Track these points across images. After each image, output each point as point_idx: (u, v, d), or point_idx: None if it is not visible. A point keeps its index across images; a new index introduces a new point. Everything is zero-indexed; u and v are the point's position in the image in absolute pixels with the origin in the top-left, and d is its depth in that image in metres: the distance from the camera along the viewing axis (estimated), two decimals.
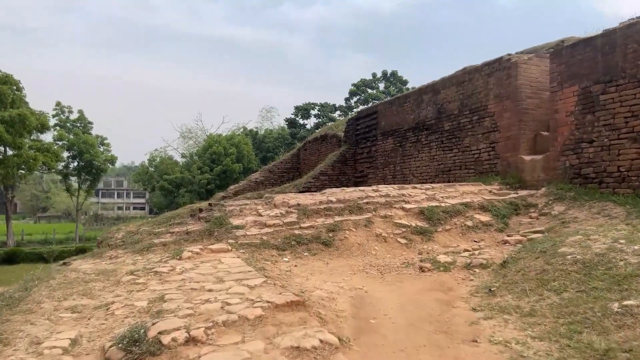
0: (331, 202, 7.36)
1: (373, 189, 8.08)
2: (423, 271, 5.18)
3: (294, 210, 7.02)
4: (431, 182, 11.85)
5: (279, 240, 6.23)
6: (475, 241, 6.84)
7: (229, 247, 5.86)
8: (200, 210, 7.39)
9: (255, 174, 21.05)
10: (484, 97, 10.28)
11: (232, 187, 20.55)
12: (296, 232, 6.43)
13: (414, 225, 6.96)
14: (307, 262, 5.68)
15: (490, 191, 8.87)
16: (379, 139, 14.54)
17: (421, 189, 8.58)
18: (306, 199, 7.47)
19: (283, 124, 54.70)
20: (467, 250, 5.90)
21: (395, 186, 8.58)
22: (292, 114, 52.47)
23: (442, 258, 5.57)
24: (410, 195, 8.00)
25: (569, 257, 4.12)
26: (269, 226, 6.54)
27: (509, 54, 9.86)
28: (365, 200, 7.45)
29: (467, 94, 10.78)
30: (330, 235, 6.40)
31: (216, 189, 35.68)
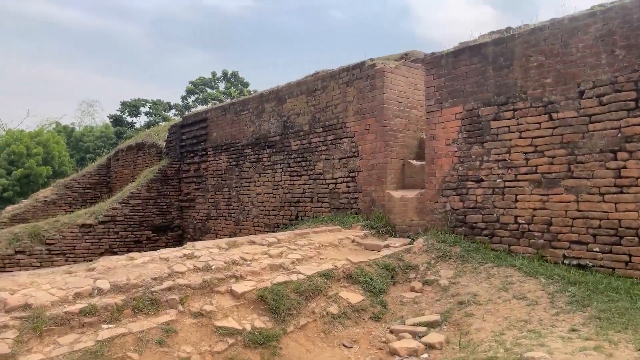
0: (100, 291, 4.06)
1: (185, 255, 4.99)
2: None
3: (11, 322, 3.54)
4: (275, 214, 9.25)
5: None
6: (345, 346, 4.31)
7: None
8: None
9: (45, 190, 15.86)
10: (341, 112, 8.02)
11: (9, 208, 15.23)
12: None
13: (249, 328, 4.11)
14: None
15: (353, 241, 6.56)
16: (210, 154, 11.42)
17: (262, 245, 5.81)
18: (50, 287, 4.02)
19: (108, 121, 47.76)
20: None
21: (223, 243, 5.64)
22: (117, 110, 45.98)
23: None
24: (246, 260, 5.15)
25: None
26: None
27: (372, 59, 7.76)
28: (166, 284, 4.32)
29: (321, 106, 8.42)
30: None
31: (16, 197, 28.54)
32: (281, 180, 9.24)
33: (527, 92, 5.47)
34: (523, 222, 5.49)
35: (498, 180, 5.74)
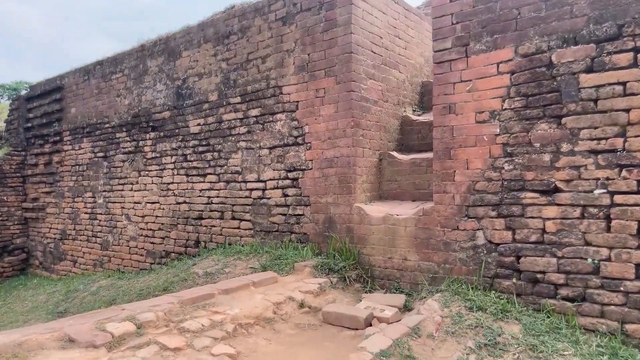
0: None
1: None
2: None
3: None
4: (164, 237, 5.83)
5: None
6: None
7: None
8: None
9: None
10: (274, 70, 4.78)
11: None
12: None
13: None
14: None
15: (302, 304, 3.40)
16: (67, 141, 7.56)
17: (97, 347, 2.41)
18: None
19: None
20: None
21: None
22: None
23: None
24: None
25: None
26: None
27: None
28: None
29: (238, 61, 5.11)
30: None
31: None
32: (173, 182, 5.78)
33: None
34: None
35: (596, 192, 2.89)
